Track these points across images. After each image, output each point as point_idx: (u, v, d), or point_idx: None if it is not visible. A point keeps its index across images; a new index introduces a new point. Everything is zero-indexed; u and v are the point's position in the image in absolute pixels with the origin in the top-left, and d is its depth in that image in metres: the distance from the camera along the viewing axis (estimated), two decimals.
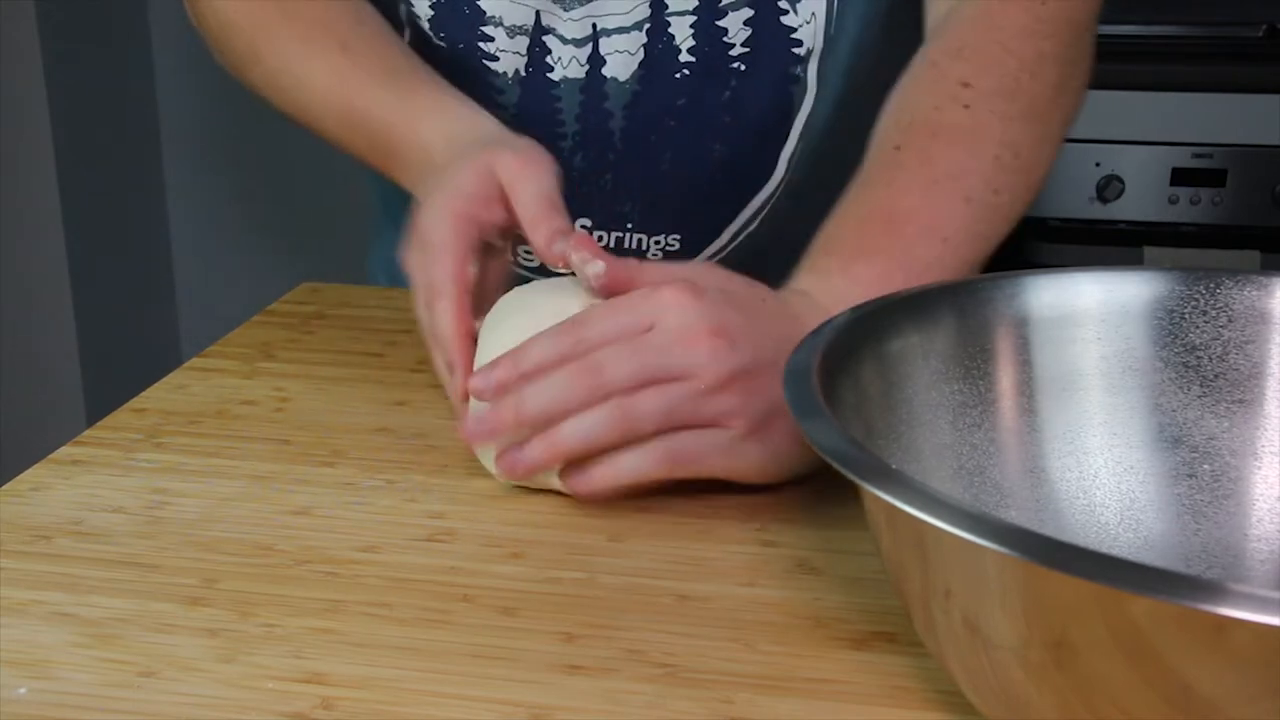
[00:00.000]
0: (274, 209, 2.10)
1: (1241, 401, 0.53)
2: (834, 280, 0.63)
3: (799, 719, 0.44)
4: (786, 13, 0.76)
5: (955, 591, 0.38)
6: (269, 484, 0.60)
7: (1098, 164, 1.77)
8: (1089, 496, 0.52)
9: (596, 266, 0.58)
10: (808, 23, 0.76)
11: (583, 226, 0.82)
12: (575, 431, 0.55)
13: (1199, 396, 0.54)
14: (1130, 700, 0.34)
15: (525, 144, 0.67)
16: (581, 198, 0.81)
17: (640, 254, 0.83)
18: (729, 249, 0.83)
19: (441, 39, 0.79)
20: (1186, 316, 0.54)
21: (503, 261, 0.68)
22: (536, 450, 0.56)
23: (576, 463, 0.56)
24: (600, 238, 0.83)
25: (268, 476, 0.60)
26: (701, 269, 0.62)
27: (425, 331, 0.64)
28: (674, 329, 0.56)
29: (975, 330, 0.53)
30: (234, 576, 0.52)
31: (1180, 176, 1.81)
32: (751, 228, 0.82)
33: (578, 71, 0.78)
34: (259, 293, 1.01)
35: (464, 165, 0.65)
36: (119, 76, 2.08)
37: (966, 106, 0.69)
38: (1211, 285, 0.54)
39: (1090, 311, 0.55)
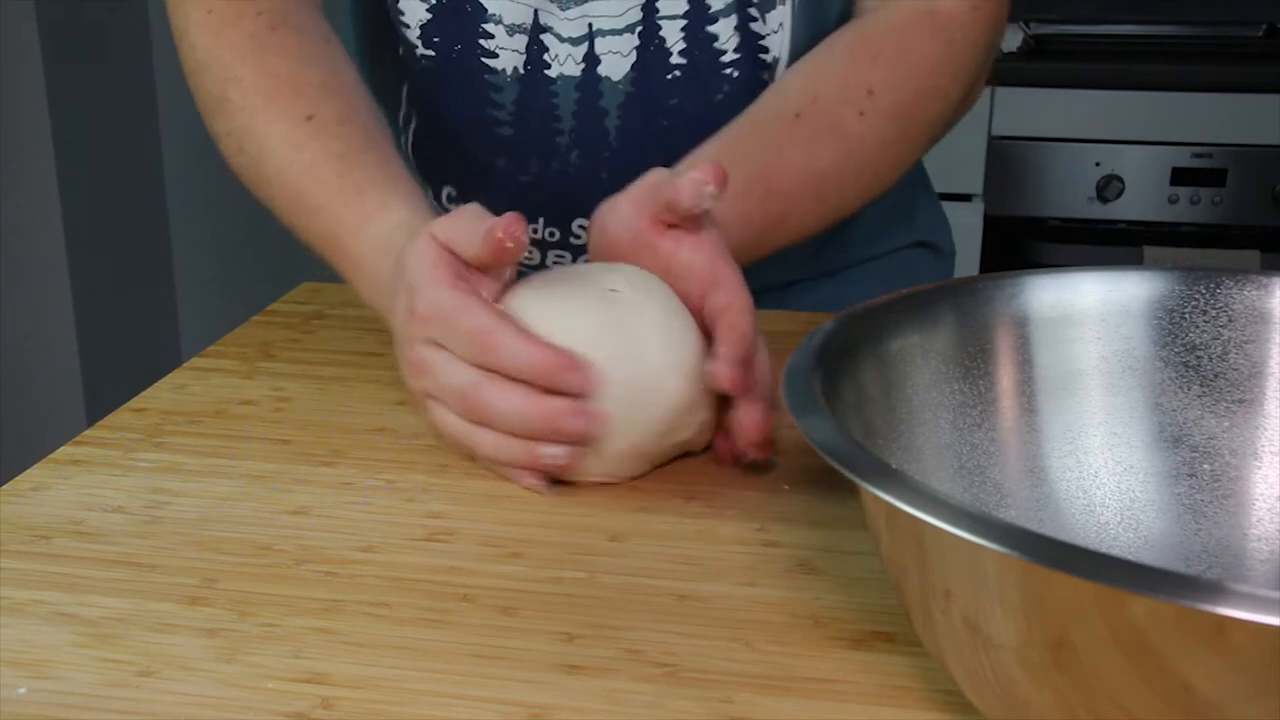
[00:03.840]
0: None
1: (1241, 401, 0.53)
2: None
3: (799, 719, 0.44)
4: (755, 20, 0.78)
5: (955, 591, 0.38)
6: (268, 484, 0.60)
7: (1098, 164, 1.78)
8: (1089, 496, 0.52)
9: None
10: (775, 32, 0.78)
11: (580, 226, 0.83)
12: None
13: (1199, 396, 0.54)
14: (1130, 700, 0.34)
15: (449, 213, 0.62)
16: (579, 196, 0.81)
17: None
18: None
19: (435, 44, 0.79)
20: (1186, 316, 0.54)
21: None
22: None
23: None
24: None
25: (267, 476, 0.60)
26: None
27: (466, 392, 0.58)
28: None
29: (975, 330, 0.53)
30: (233, 576, 0.52)
31: (1180, 176, 1.82)
32: None
33: (574, 70, 0.79)
34: (259, 293, 1.01)
35: (410, 251, 0.60)
36: (119, 77, 2.08)
37: (861, 114, 0.72)
38: (1211, 285, 0.54)
39: (1090, 311, 0.55)
